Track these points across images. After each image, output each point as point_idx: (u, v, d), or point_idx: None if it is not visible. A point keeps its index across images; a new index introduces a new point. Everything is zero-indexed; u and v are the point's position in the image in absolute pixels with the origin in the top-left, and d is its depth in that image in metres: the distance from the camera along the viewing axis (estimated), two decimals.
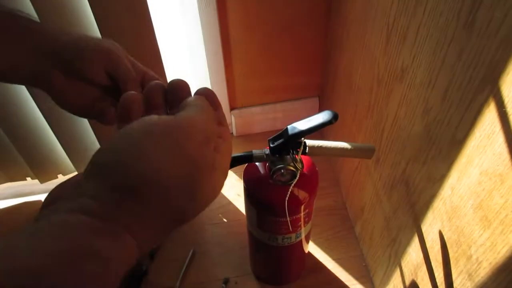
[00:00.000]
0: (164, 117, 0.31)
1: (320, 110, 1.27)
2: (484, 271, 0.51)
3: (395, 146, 0.74)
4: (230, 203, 1.16)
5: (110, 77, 0.46)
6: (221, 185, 0.34)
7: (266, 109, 1.27)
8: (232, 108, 1.26)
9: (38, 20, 0.47)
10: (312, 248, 1.04)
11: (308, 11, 1.04)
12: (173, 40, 1.14)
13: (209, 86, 1.17)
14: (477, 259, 0.52)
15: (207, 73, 1.14)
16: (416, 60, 0.62)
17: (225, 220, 1.12)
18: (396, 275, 0.81)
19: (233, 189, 1.18)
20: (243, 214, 1.13)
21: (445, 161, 0.57)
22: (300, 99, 1.28)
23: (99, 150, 0.29)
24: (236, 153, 0.71)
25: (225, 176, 0.34)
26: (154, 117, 0.30)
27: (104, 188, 0.27)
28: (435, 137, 0.59)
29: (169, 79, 1.06)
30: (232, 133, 1.34)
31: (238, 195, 1.17)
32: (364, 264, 1.00)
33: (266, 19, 1.04)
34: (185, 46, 1.16)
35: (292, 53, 1.14)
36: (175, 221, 0.30)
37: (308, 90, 1.26)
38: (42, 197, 1.20)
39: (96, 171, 0.28)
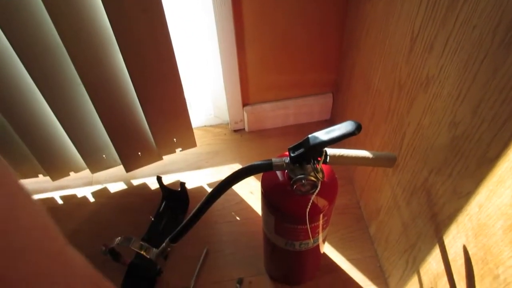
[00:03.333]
0: None
1: (334, 107, 1.26)
2: None
3: (417, 154, 0.72)
4: (242, 200, 1.16)
5: None
6: None
7: (279, 105, 1.25)
8: (244, 104, 1.24)
9: None
10: (326, 247, 1.04)
11: (324, 7, 1.02)
12: (187, 38, 1.12)
13: (222, 82, 1.16)
14: (505, 279, 0.52)
15: (221, 70, 1.12)
16: (443, 71, 0.60)
17: (238, 218, 1.12)
18: (414, 281, 0.81)
19: (246, 186, 1.17)
20: (256, 212, 1.13)
21: (473, 178, 0.55)
22: (313, 95, 1.26)
23: None
24: (255, 161, 0.70)
25: None
26: None
27: None
28: (462, 151, 0.57)
29: (182, 78, 1.05)
30: (244, 128, 1.32)
31: (251, 192, 1.16)
32: (378, 265, 1.00)
33: (281, 15, 1.02)
34: (198, 44, 1.13)
35: (307, 49, 1.12)
36: None
37: (322, 86, 1.24)
38: (54, 194, 1.20)
39: None
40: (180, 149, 1.19)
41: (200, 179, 1.21)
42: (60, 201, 1.19)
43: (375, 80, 0.89)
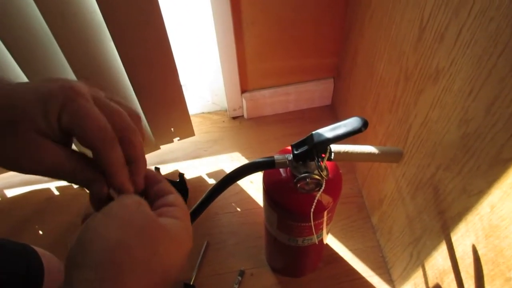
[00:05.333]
0: (147, 216, 0.32)
1: (335, 92, 1.22)
2: None
3: (424, 148, 0.70)
4: (242, 190, 1.14)
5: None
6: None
7: (279, 91, 1.22)
8: (243, 91, 1.21)
9: None
10: (328, 238, 1.03)
11: None
12: (181, 21, 1.07)
13: (219, 68, 1.12)
14: None
15: (217, 55, 1.08)
16: (455, 64, 0.57)
17: (238, 209, 1.10)
18: (418, 274, 0.79)
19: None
20: (257, 203, 1.11)
21: (485, 178, 0.53)
22: (314, 80, 1.22)
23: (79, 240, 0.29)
24: (256, 158, 0.67)
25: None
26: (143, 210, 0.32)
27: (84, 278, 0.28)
28: (473, 150, 0.55)
29: (177, 64, 0.99)
30: (243, 115, 1.29)
31: (251, 182, 1.14)
32: (381, 255, 0.99)
33: None
34: (194, 27, 1.09)
35: (308, 32, 1.07)
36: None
37: (323, 71, 1.21)
38: (49, 185, 1.18)
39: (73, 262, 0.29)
40: (178, 138, 1.17)
41: (199, 168, 1.19)
42: (56, 192, 1.16)
43: (379, 68, 0.85)
